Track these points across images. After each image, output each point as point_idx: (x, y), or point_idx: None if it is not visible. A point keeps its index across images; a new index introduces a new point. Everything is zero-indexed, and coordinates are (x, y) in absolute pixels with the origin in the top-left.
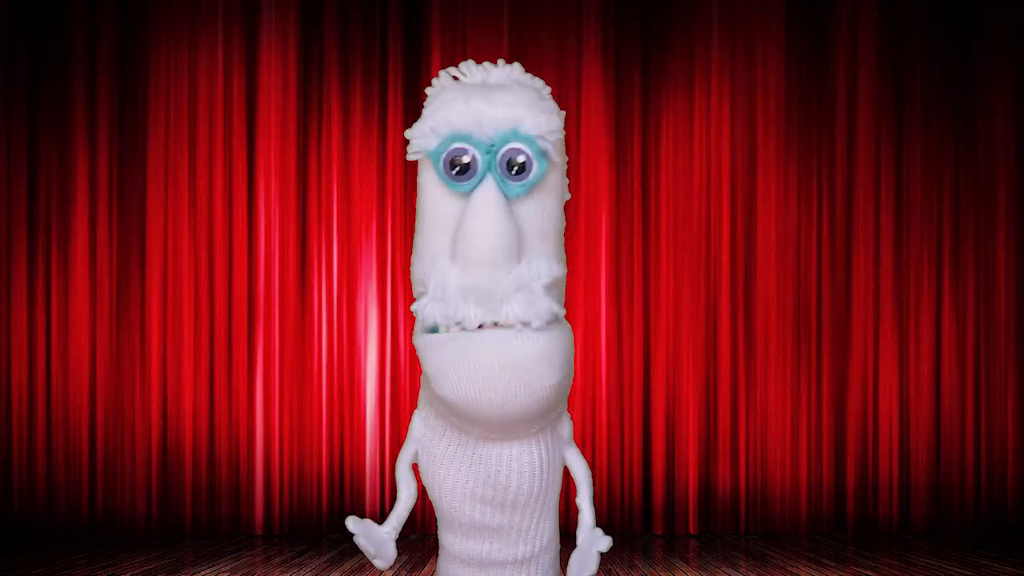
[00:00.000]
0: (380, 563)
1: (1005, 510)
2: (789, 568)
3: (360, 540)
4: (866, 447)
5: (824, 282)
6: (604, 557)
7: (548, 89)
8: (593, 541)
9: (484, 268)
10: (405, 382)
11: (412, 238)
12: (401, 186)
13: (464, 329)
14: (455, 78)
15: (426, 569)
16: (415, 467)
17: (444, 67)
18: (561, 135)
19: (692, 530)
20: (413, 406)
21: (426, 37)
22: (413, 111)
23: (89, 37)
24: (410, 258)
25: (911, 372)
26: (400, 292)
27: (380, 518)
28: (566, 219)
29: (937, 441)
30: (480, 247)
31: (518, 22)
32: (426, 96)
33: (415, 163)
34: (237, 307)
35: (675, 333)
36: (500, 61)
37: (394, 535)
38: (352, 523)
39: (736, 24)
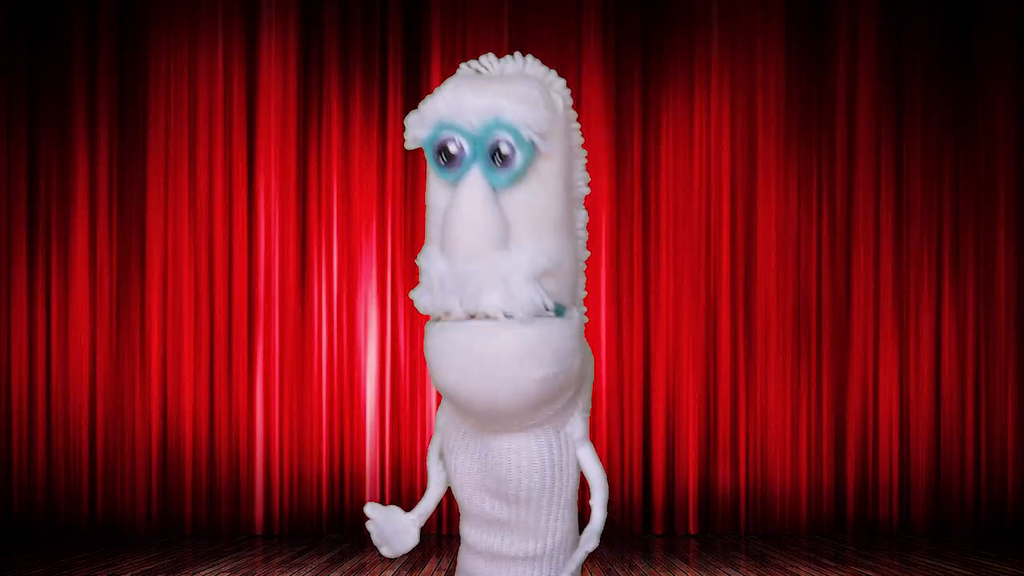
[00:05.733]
0: (387, 551)
1: (1005, 510)
2: (789, 568)
3: (371, 526)
4: (866, 447)
5: (824, 282)
6: (604, 557)
7: (561, 82)
8: (583, 542)
9: (465, 257)
10: (405, 382)
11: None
12: (401, 186)
13: (453, 319)
14: (477, 71)
15: (426, 569)
16: None
17: (444, 67)
18: (548, 125)
19: (692, 530)
20: (413, 406)
21: (426, 37)
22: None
23: (89, 37)
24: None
25: (911, 372)
26: (400, 292)
27: None
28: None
29: (937, 441)
30: (461, 236)
31: (518, 22)
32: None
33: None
34: (237, 307)
35: (675, 333)
36: (517, 54)
37: (419, 523)
38: (370, 508)
39: (736, 24)
